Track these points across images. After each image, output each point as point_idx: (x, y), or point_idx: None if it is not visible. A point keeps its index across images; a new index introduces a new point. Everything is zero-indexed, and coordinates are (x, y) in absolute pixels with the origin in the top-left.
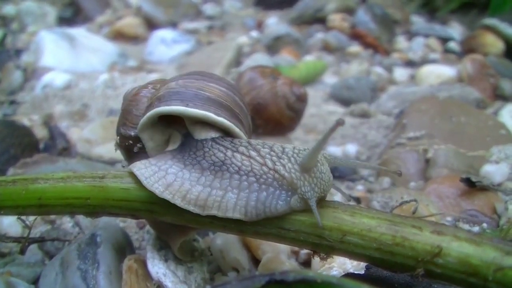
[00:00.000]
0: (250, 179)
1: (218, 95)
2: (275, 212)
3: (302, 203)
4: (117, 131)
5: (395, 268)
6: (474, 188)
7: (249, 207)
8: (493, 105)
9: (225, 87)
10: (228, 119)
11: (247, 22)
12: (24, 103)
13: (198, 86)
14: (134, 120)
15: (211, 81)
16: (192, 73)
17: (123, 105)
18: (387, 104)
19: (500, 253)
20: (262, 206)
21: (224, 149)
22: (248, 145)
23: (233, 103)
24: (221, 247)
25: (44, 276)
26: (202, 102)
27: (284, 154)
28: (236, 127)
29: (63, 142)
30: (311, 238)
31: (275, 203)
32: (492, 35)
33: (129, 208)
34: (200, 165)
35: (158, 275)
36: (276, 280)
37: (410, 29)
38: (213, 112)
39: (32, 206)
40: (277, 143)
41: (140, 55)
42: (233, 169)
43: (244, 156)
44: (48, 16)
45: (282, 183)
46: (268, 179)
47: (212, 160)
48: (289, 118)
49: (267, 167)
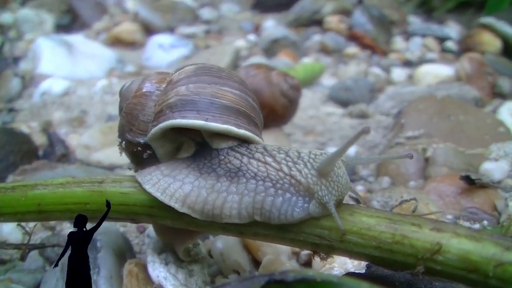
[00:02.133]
0: (267, 184)
1: (234, 101)
2: (291, 219)
3: (320, 209)
4: (122, 136)
5: (395, 266)
6: (474, 185)
7: (264, 210)
8: (491, 103)
9: (237, 88)
10: (248, 128)
11: (244, 25)
12: (23, 110)
13: (212, 93)
14: (142, 127)
15: (223, 83)
16: (199, 72)
17: (125, 106)
18: (385, 104)
19: (500, 249)
20: (277, 212)
21: (240, 156)
22: (264, 151)
23: (248, 107)
24: (221, 249)
25: (44, 282)
26: (219, 113)
27: (300, 159)
28: (255, 135)
29: (62, 149)
30: (311, 238)
31: (291, 210)
32: (489, 34)
33: (128, 212)
34: (216, 172)
35: (158, 279)
36: (276, 280)
37: (407, 29)
38: (233, 124)
39: (32, 212)
40: (293, 148)
41: (138, 60)
42: (249, 175)
43: (260, 162)
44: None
45: (298, 188)
46: (284, 185)
47: (228, 167)
48: (283, 105)
49: (283, 172)
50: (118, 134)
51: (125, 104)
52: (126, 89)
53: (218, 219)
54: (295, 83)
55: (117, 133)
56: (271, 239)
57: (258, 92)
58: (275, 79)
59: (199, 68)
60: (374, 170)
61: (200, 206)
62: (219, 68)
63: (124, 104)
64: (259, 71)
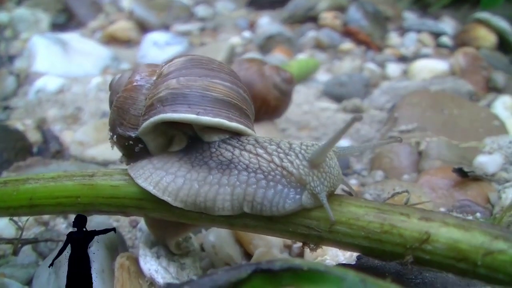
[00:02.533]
0: (258, 175)
1: (225, 93)
2: (282, 211)
3: (313, 200)
4: (113, 130)
5: (385, 256)
6: (467, 178)
7: (255, 203)
8: (486, 97)
9: (228, 80)
10: (239, 121)
11: (240, 22)
12: (18, 108)
13: (203, 86)
14: (133, 121)
15: (214, 75)
16: (189, 64)
17: (115, 99)
18: (379, 99)
19: (488, 238)
20: (268, 204)
21: (232, 148)
22: (256, 142)
23: (240, 99)
24: (213, 243)
25: (37, 276)
26: (211, 106)
27: (291, 150)
28: (247, 127)
29: (56, 145)
30: (300, 228)
31: (283, 202)
32: (484, 29)
33: (119, 205)
34: (208, 165)
35: (150, 272)
36: (263, 269)
37: (402, 25)
38: (224, 117)
39: (24, 207)
40: (284, 140)
41: (133, 58)
42: (241, 167)
43: (252, 154)
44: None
45: (290, 180)
46: (276, 176)
47: (219, 159)
48: (275, 97)
49: (275, 163)
50: (109, 128)
51: (116, 97)
52: (117, 82)
53: (211, 212)
54: (288, 76)
55: (108, 127)
56: (261, 230)
57: (250, 84)
58: (267, 72)
59: (189, 60)
60: (368, 163)
61: (193, 198)
62: (209, 60)
63: (114, 97)
64: (252, 65)
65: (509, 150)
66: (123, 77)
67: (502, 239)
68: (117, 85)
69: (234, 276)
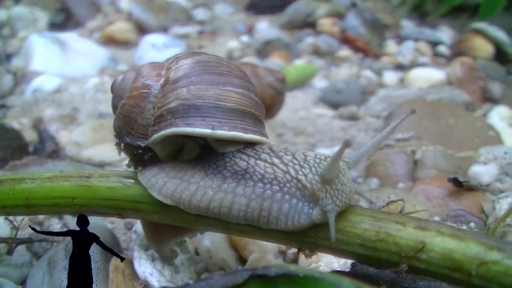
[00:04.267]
0: (274, 187)
1: (238, 102)
2: (297, 225)
3: (323, 216)
4: (120, 138)
5: (380, 264)
6: (462, 188)
7: (271, 217)
8: (482, 107)
9: (239, 86)
10: (254, 130)
11: (238, 27)
12: (14, 107)
13: (215, 95)
14: (141, 130)
15: (225, 82)
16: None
17: (120, 106)
18: (376, 107)
19: (483, 248)
20: (284, 217)
21: (247, 157)
22: (270, 151)
23: (252, 105)
24: (208, 247)
25: (31, 276)
26: (225, 117)
27: (306, 162)
28: (262, 136)
29: (52, 145)
30: (295, 234)
31: (298, 217)
32: (481, 39)
33: (115, 207)
34: (222, 174)
35: (144, 275)
36: (259, 275)
37: (400, 33)
38: (240, 129)
39: (20, 206)
40: (299, 150)
41: (130, 59)
42: (257, 177)
43: (267, 163)
44: (40, 22)
45: (304, 193)
46: (291, 188)
47: (234, 169)
48: (270, 95)
49: (290, 175)
50: (115, 134)
51: (120, 103)
52: (119, 85)
53: (225, 218)
54: (281, 76)
55: (114, 133)
56: (257, 236)
57: None
58: (261, 73)
59: (197, 63)
60: (363, 171)
61: (206, 204)
62: (217, 61)
63: (118, 102)
64: (246, 67)
65: (504, 161)
66: (126, 79)
67: (496, 249)
68: (121, 89)
69: (230, 281)
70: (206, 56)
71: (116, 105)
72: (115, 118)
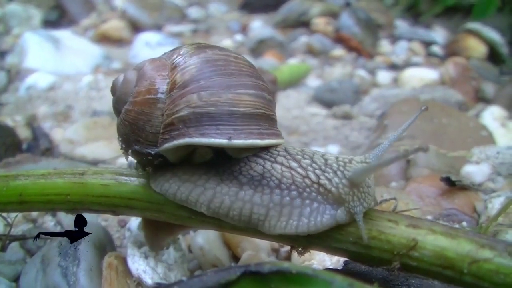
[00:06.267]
0: (292, 193)
1: (252, 105)
2: (320, 226)
3: (348, 216)
4: (127, 145)
5: (372, 262)
6: (454, 187)
7: (291, 221)
8: (475, 107)
9: (251, 86)
10: (270, 133)
11: (232, 25)
12: (8, 104)
13: (228, 101)
14: (150, 138)
15: (237, 84)
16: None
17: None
18: (369, 106)
19: (475, 246)
20: (306, 220)
21: (262, 161)
22: (286, 153)
23: (266, 105)
24: (201, 245)
25: (25, 273)
26: (240, 124)
27: (328, 166)
28: (277, 139)
29: (46, 143)
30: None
31: (320, 217)
32: (474, 39)
33: (109, 204)
34: (238, 180)
35: (138, 272)
36: (252, 272)
37: (394, 33)
38: (256, 134)
39: (13, 203)
40: (317, 152)
41: (124, 57)
42: (274, 183)
43: (284, 167)
44: (33, 19)
45: (327, 197)
46: (312, 193)
47: (250, 174)
48: None
49: (310, 180)
50: (120, 140)
51: (124, 109)
52: (121, 89)
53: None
54: (272, 77)
55: (119, 138)
56: (251, 233)
57: None
58: None
59: (204, 63)
60: None
61: (225, 211)
62: (225, 59)
63: (121, 107)
64: None
65: (496, 161)
66: (128, 81)
67: (488, 247)
68: (123, 93)
69: (223, 277)
70: (211, 52)
71: (118, 109)
72: (119, 123)
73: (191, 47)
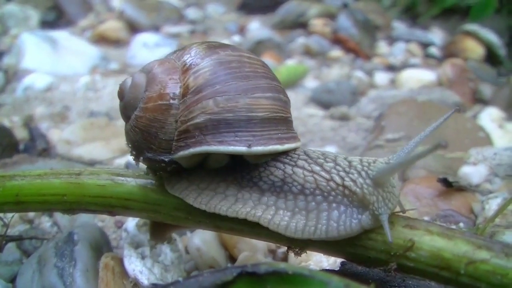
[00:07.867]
0: (317, 198)
1: (270, 109)
2: (349, 231)
3: (372, 221)
4: (139, 152)
5: (369, 263)
6: (451, 188)
7: (319, 225)
8: (472, 108)
9: (268, 89)
10: (289, 136)
11: (229, 26)
12: (5, 104)
13: (246, 106)
14: (164, 145)
15: (253, 88)
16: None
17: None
18: (367, 107)
19: (471, 247)
20: (335, 224)
21: (282, 165)
22: (307, 157)
23: (283, 108)
24: (198, 246)
25: (21, 274)
26: (259, 129)
27: (352, 168)
28: (295, 142)
29: (43, 143)
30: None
31: (349, 222)
32: (472, 40)
33: (105, 204)
34: (258, 186)
35: (134, 273)
36: (248, 272)
37: (391, 34)
38: (276, 140)
39: (10, 203)
40: (339, 155)
41: (122, 58)
42: (296, 188)
43: (306, 171)
44: (31, 20)
45: (352, 199)
46: (337, 196)
47: (271, 180)
48: None
49: (335, 182)
50: (131, 147)
51: (134, 115)
52: (130, 94)
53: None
54: None
55: (129, 144)
56: (248, 234)
57: None
58: None
59: (217, 66)
60: None
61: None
62: (239, 60)
63: (130, 113)
64: None
65: (493, 162)
66: (136, 85)
67: (485, 248)
68: (132, 98)
69: (219, 278)
70: (224, 53)
71: (127, 115)
72: (129, 130)
73: (201, 47)
